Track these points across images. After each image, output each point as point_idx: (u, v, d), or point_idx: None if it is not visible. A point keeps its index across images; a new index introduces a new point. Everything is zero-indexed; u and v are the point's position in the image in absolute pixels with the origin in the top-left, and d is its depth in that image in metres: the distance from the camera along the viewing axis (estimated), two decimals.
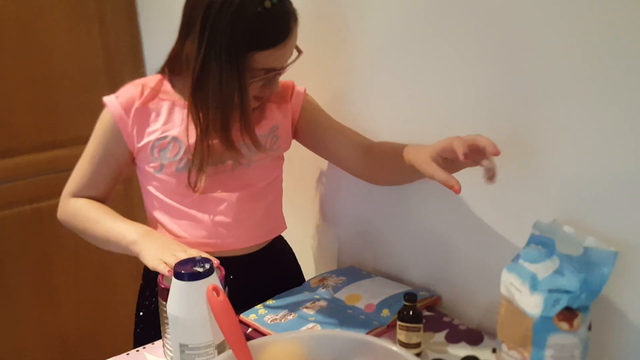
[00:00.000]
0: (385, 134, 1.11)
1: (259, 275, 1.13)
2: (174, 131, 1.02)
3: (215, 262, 0.82)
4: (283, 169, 1.17)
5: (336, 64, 1.20)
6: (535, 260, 0.77)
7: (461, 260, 1.04)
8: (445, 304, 1.08)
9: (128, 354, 0.95)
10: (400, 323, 0.90)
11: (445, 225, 1.05)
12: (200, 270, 0.74)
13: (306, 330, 0.95)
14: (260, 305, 1.06)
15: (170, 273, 0.80)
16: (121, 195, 1.81)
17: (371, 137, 1.11)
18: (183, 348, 0.75)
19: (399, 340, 0.91)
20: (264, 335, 0.97)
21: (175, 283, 0.74)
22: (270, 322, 1.00)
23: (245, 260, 1.10)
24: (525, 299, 0.75)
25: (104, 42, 1.82)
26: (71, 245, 1.83)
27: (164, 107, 1.03)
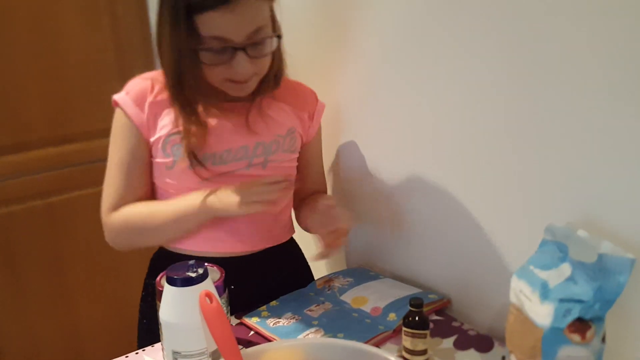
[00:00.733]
0: (390, 138, 1.08)
1: (268, 274, 1.10)
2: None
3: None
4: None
5: (340, 64, 1.17)
6: (547, 266, 0.72)
7: (473, 262, 1.00)
8: (456, 307, 1.05)
9: (127, 357, 0.93)
10: (405, 329, 0.87)
11: (457, 226, 1.01)
12: (193, 275, 0.71)
13: (303, 338, 0.92)
14: (263, 307, 1.04)
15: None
16: None
17: (375, 142, 1.10)
18: (176, 355, 0.73)
19: (404, 346, 0.88)
20: (266, 339, 0.95)
21: (168, 289, 0.72)
22: (273, 326, 0.97)
23: (254, 259, 1.07)
24: (535, 308, 0.71)
25: (115, 36, 1.80)
26: (83, 240, 1.83)
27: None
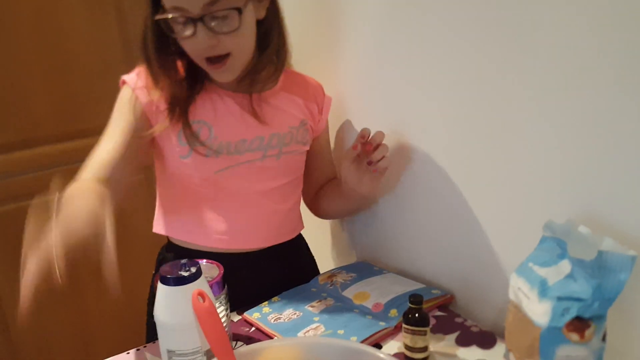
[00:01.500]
0: (391, 133, 1.07)
1: (276, 270, 1.10)
2: (202, 113, 0.98)
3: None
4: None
5: (338, 54, 1.15)
6: (546, 263, 0.71)
7: (476, 258, 0.98)
8: (459, 302, 1.03)
9: (128, 353, 0.94)
10: (405, 326, 0.86)
11: (461, 221, 0.99)
12: (185, 274, 0.71)
13: (298, 337, 0.91)
14: (265, 303, 1.04)
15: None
16: (142, 184, 1.82)
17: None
18: (170, 354, 0.73)
19: (404, 343, 0.87)
20: (266, 335, 0.95)
21: (161, 288, 0.72)
22: (274, 322, 0.97)
23: (260, 255, 1.08)
24: (533, 307, 0.69)
25: (121, 31, 1.81)
26: None
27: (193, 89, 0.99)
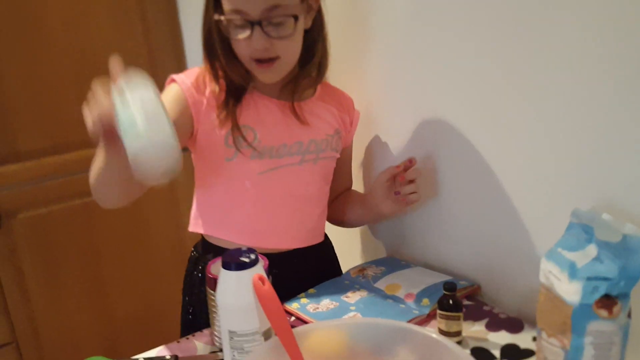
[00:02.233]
0: (417, 129, 1.13)
1: (298, 269, 1.15)
2: (247, 118, 1.03)
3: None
4: None
5: (363, 62, 1.22)
6: (574, 248, 0.78)
7: (500, 249, 1.05)
8: (485, 292, 1.10)
9: (179, 342, 1.00)
10: (440, 312, 0.92)
11: (484, 213, 1.06)
12: (246, 260, 0.77)
13: (348, 318, 0.98)
14: (302, 295, 1.10)
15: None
16: (164, 187, 1.88)
17: (401, 133, 1.14)
18: (232, 335, 0.79)
19: (439, 328, 0.93)
20: (307, 323, 1.01)
21: (224, 273, 0.78)
22: (313, 311, 1.03)
23: (291, 255, 1.14)
24: (564, 287, 0.76)
25: (146, 41, 1.88)
26: (118, 237, 1.91)
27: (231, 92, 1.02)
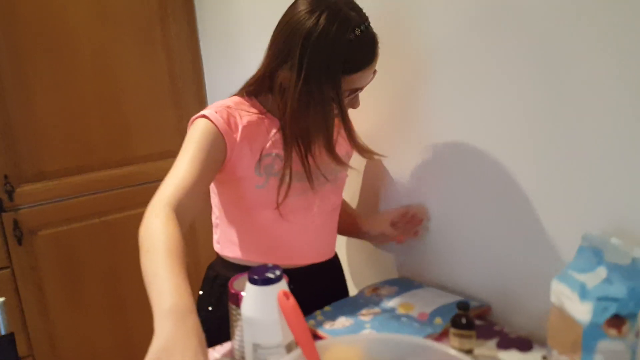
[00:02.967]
0: (427, 149, 1.18)
1: (311, 285, 1.17)
2: (276, 148, 1.09)
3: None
4: None
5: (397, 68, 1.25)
6: (584, 270, 0.81)
7: (511, 270, 1.08)
8: (496, 312, 1.13)
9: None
10: (453, 330, 0.96)
11: (495, 236, 1.09)
12: (272, 276, 0.82)
13: (367, 333, 1.01)
14: (318, 312, 1.13)
15: None
16: None
17: (412, 153, 1.19)
18: (256, 347, 0.82)
19: (452, 346, 0.96)
20: (323, 339, 1.04)
21: (250, 288, 0.82)
22: (329, 328, 1.07)
23: (300, 271, 1.17)
24: (575, 307, 0.80)
25: (169, 67, 1.95)
26: (136, 256, 1.95)
27: (263, 126, 1.09)
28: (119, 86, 1.87)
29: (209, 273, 1.24)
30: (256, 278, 0.82)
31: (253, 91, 1.12)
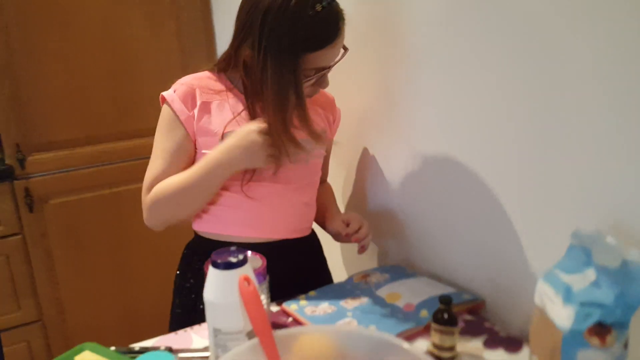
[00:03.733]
0: (422, 142, 1.12)
1: (287, 261, 1.15)
2: (241, 125, 1.06)
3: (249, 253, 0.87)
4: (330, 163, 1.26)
5: (384, 64, 1.21)
6: (572, 270, 0.74)
7: (506, 265, 1.02)
8: (490, 308, 1.07)
9: (177, 334, 1.01)
10: (434, 325, 0.90)
11: (491, 229, 1.03)
12: (234, 260, 0.78)
13: (340, 325, 0.97)
14: (302, 296, 1.10)
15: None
16: None
17: (408, 144, 1.14)
18: (216, 332, 0.80)
19: (432, 342, 0.91)
20: (303, 325, 1.01)
21: (212, 271, 0.79)
22: (310, 314, 1.03)
23: (282, 245, 1.15)
24: (557, 311, 0.73)
25: (179, 39, 1.93)
26: (145, 226, 1.96)
27: (227, 102, 1.08)
28: (129, 57, 1.86)
29: (185, 252, 1.24)
30: (218, 262, 0.78)
31: (222, 67, 1.10)
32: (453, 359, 0.90)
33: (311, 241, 1.25)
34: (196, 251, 1.19)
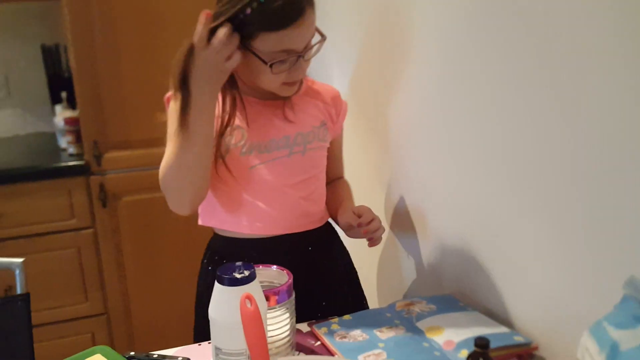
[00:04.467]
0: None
1: (305, 253, 1.16)
2: (237, 119, 1.09)
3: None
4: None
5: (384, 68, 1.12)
6: (622, 325, 0.61)
7: (568, 308, 0.88)
8: (543, 354, 0.93)
9: (200, 345, 0.98)
10: None
11: (551, 264, 0.90)
12: (238, 276, 0.73)
13: (370, 355, 0.89)
14: (335, 319, 1.03)
15: None
16: None
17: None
18: (217, 351, 0.75)
19: None
20: (329, 351, 0.94)
21: (217, 286, 0.75)
22: (339, 340, 0.96)
23: (292, 239, 1.14)
24: None
25: None
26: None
27: (226, 98, 1.10)
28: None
29: (207, 247, 1.27)
30: (222, 276, 0.74)
31: None
32: None
33: (326, 231, 1.23)
34: (216, 250, 1.21)
